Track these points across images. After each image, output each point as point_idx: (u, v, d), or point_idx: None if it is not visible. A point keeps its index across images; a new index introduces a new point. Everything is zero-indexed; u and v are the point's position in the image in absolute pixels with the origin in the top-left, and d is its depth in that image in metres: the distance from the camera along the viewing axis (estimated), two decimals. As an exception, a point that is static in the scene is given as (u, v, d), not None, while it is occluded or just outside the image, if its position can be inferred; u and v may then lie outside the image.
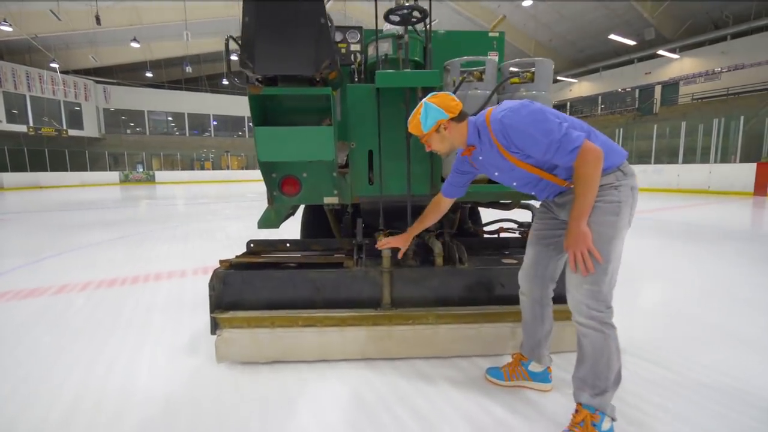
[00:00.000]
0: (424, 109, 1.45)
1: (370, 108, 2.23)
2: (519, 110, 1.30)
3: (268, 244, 2.41)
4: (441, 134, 1.47)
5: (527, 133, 1.29)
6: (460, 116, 1.46)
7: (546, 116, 1.28)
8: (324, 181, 2.27)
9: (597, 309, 1.32)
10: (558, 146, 1.26)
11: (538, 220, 1.62)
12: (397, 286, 2.00)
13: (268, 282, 1.97)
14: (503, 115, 1.32)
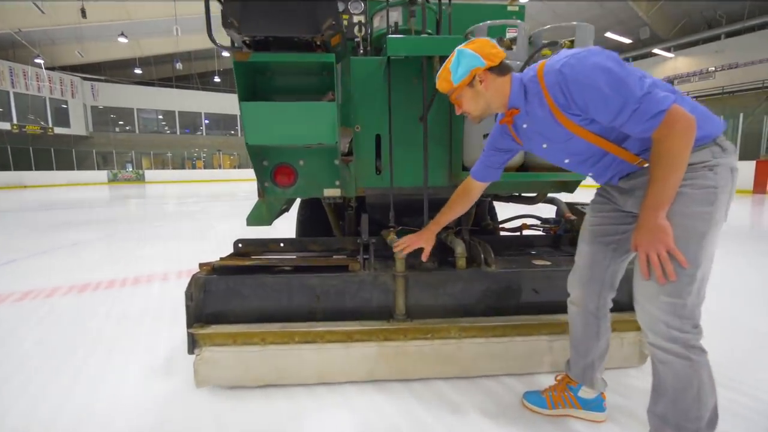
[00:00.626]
0: (456, 56, 1.16)
1: (378, 85, 1.91)
2: (586, 58, 0.98)
3: (258, 244, 2.08)
4: (475, 89, 1.17)
5: (594, 88, 0.97)
6: (502, 68, 1.16)
7: (623, 67, 0.96)
8: (324, 170, 1.94)
9: (680, 329, 1.00)
10: (636, 108, 0.94)
11: (595, 213, 1.30)
12: (413, 293, 1.69)
13: (258, 289, 1.64)
14: (563, 64, 1.00)
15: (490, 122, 1.69)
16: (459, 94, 1.20)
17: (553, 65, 1.03)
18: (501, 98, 1.18)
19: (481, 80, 1.15)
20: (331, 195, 1.96)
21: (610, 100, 0.96)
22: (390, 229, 1.90)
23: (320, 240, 2.12)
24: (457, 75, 1.16)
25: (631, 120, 0.96)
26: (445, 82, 1.20)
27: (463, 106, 1.22)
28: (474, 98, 1.19)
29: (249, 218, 2.02)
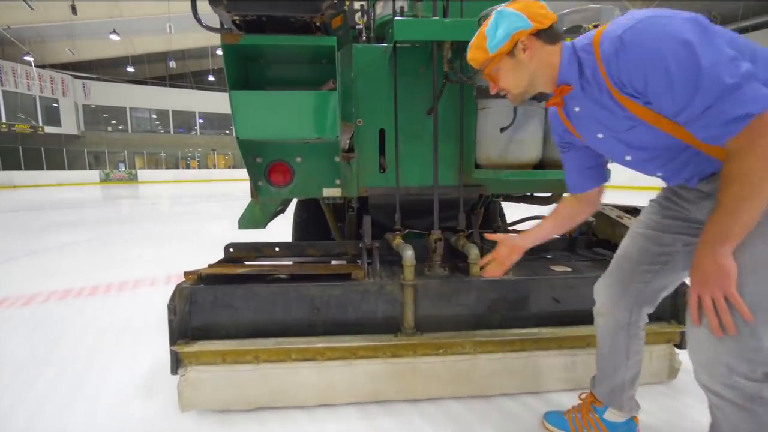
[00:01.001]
0: (494, 17, 0.94)
1: (383, 74, 1.75)
2: (659, 23, 0.74)
3: (251, 249, 1.91)
4: (517, 59, 0.94)
5: (660, 66, 0.73)
6: (551, 33, 0.92)
7: (710, 40, 0.71)
8: (324, 168, 1.78)
9: (747, 375, 0.77)
10: (711, 104, 0.71)
11: (654, 215, 1.08)
12: (423, 303, 1.53)
13: (250, 300, 1.47)
14: (628, 28, 0.77)
15: (508, 114, 1.54)
16: (496, 65, 0.96)
17: (615, 30, 0.80)
18: (549, 71, 0.94)
19: (525, 47, 0.92)
20: (331, 195, 1.80)
21: (677, 86, 0.73)
22: (396, 233, 1.74)
23: (319, 244, 1.95)
24: (495, 40, 0.92)
25: (702, 119, 0.74)
26: (479, 51, 0.96)
27: (501, 82, 0.99)
28: (515, 71, 0.95)
29: (241, 220, 1.85)
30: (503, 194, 2.25)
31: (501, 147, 1.57)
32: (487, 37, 0.94)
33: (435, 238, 1.60)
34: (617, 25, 0.81)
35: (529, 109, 1.54)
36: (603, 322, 1.22)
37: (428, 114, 1.80)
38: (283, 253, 1.93)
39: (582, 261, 1.89)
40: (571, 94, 0.95)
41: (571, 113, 1.00)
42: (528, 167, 1.63)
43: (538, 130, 1.58)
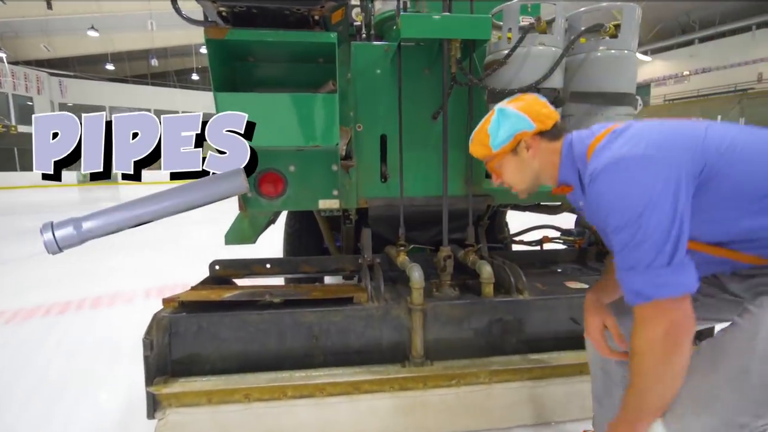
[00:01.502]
0: (496, 115, 0.95)
1: (385, 75, 1.60)
2: (630, 169, 0.72)
3: (240, 266, 1.74)
4: (520, 157, 0.94)
5: (614, 214, 0.74)
6: (554, 132, 0.93)
7: (661, 204, 0.69)
8: (320, 177, 1.62)
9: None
10: (633, 265, 0.71)
11: None
12: (432, 328, 1.38)
13: (239, 330, 1.30)
14: (605, 166, 0.75)
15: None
16: (499, 162, 0.97)
17: (602, 158, 0.76)
18: (551, 169, 0.94)
19: (528, 147, 0.93)
20: (328, 207, 1.64)
21: (615, 237, 0.73)
22: (400, 249, 1.59)
23: (314, 260, 1.79)
24: (498, 140, 0.93)
25: (620, 265, 0.74)
26: (482, 147, 0.97)
27: (505, 178, 0.99)
28: (519, 169, 0.95)
29: (228, 236, 1.68)
30: (510, 204, 2.13)
31: (516, 156, 1.44)
32: (490, 135, 0.94)
33: (444, 255, 1.46)
34: (608, 151, 0.76)
35: (546, 115, 1.41)
36: (594, 362, 1.11)
37: (433, 119, 1.66)
38: (275, 270, 1.76)
39: (595, 275, 1.78)
40: (573, 193, 0.94)
41: (576, 204, 0.99)
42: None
43: (555, 138, 1.46)
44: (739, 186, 0.71)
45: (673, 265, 0.68)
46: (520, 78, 1.38)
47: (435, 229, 1.93)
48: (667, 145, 0.72)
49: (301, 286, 1.56)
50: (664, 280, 0.68)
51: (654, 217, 0.68)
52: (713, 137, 0.73)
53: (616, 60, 1.43)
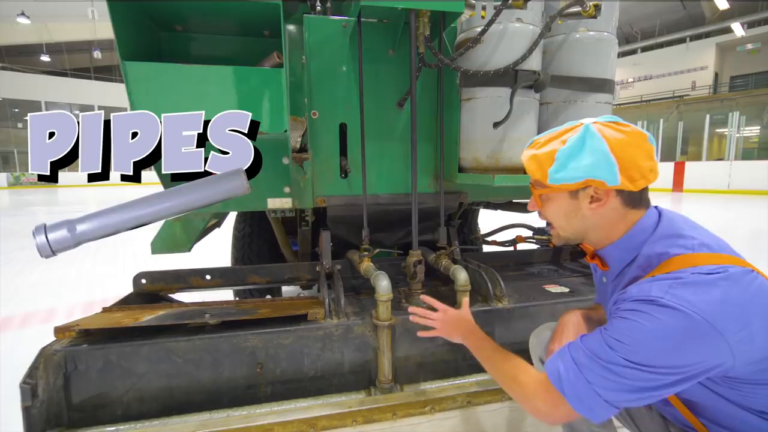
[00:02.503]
0: (579, 138, 0.69)
1: (343, 55, 1.40)
2: (659, 324, 0.59)
3: (173, 278, 1.46)
4: (577, 203, 0.72)
5: (605, 333, 0.65)
6: (637, 197, 0.71)
7: (681, 370, 0.59)
8: (268, 172, 1.37)
9: None
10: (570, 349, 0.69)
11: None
12: (402, 346, 1.19)
13: (163, 362, 1.03)
14: (681, 303, 0.59)
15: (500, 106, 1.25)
16: (549, 195, 0.75)
17: (642, 290, 0.63)
18: (606, 236, 0.74)
19: (595, 199, 0.70)
20: (279, 207, 1.40)
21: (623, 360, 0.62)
22: (364, 254, 1.38)
23: (264, 268, 1.54)
24: (562, 173, 0.69)
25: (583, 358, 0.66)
26: (537, 167, 0.73)
27: (547, 214, 0.79)
28: (569, 216, 0.74)
29: (155, 243, 1.39)
30: (483, 201, 1.99)
31: (492, 146, 1.28)
32: (556, 162, 0.70)
33: (414, 260, 1.27)
34: (663, 282, 0.62)
35: (524, 101, 1.26)
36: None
37: (399, 106, 1.47)
38: (217, 282, 1.50)
39: (574, 276, 1.67)
40: (607, 272, 0.80)
41: (599, 278, 0.87)
42: (520, 171, 1.36)
43: (533, 127, 1.32)
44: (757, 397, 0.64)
45: (614, 406, 0.64)
46: (496, 58, 1.22)
47: (402, 230, 1.74)
48: (739, 324, 0.58)
49: (246, 302, 1.31)
50: (592, 406, 0.64)
51: (661, 386, 0.60)
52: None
53: (596, 43, 1.32)
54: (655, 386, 0.61)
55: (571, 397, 0.65)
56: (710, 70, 19.04)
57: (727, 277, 0.59)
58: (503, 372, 0.79)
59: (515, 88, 1.19)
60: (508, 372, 0.77)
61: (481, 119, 1.28)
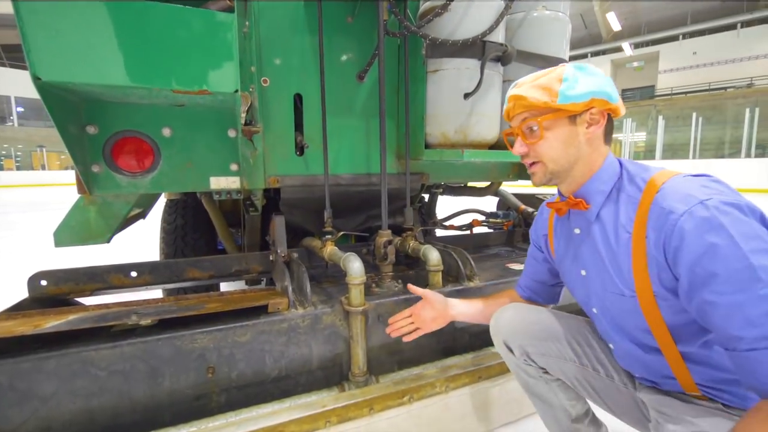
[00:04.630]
0: (575, 68, 0.71)
1: (296, 18, 1.26)
2: (742, 224, 0.56)
3: (87, 277, 1.18)
4: (575, 129, 0.72)
5: (731, 283, 0.55)
6: (609, 131, 0.75)
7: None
8: (211, 146, 1.18)
9: None
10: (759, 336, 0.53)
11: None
12: (377, 334, 1.09)
13: (78, 377, 0.80)
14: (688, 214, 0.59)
15: (468, 78, 1.21)
16: (551, 122, 0.71)
17: (677, 203, 0.61)
18: (588, 169, 0.74)
19: (592, 122, 0.71)
20: (225, 188, 1.21)
21: (737, 310, 0.54)
22: (327, 238, 1.25)
23: (207, 261, 1.33)
24: (574, 91, 0.69)
25: (739, 359, 0.56)
26: (541, 91, 0.70)
27: (542, 145, 0.73)
28: (566, 142, 0.72)
29: (59, 234, 1.11)
30: (443, 185, 1.96)
31: (461, 120, 1.24)
32: (564, 80, 0.69)
33: (385, 240, 1.17)
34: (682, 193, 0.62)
35: (490, 75, 1.24)
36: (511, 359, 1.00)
37: (359, 79, 1.37)
38: (145, 279, 1.25)
39: (529, 256, 1.72)
40: (581, 213, 0.77)
41: (564, 233, 0.84)
42: (486, 147, 1.34)
43: (498, 103, 1.30)
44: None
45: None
46: (464, 28, 1.18)
47: (362, 215, 1.64)
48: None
49: (188, 298, 1.09)
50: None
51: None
52: None
53: (552, 22, 1.35)
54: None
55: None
56: (607, 83, 21.90)
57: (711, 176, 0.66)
58: None
59: (485, 58, 1.16)
60: None
61: (448, 92, 1.23)
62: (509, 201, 2.00)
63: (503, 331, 0.94)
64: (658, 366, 0.74)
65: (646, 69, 21.25)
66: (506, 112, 0.77)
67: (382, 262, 1.20)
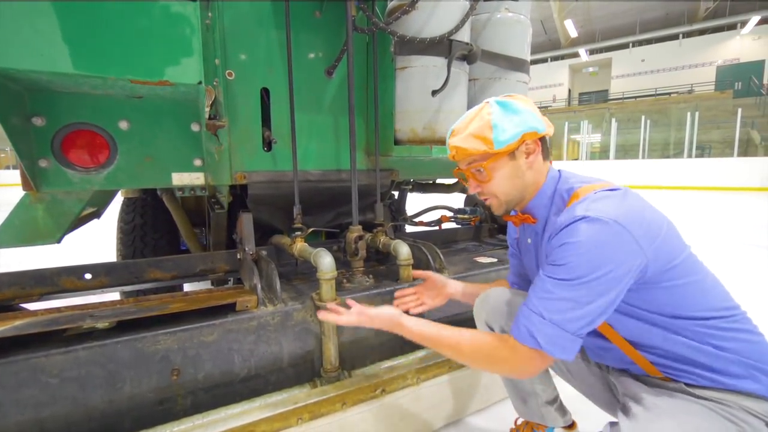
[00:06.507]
0: (499, 106, 0.78)
1: (262, 10, 1.23)
2: (589, 233, 0.68)
3: (33, 281, 1.10)
4: (516, 163, 0.80)
5: (550, 268, 0.72)
6: (546, 149, 0.83)
7: (616, 272, 0.67)
8: (173, 140, 1.14)
9: None
10: (529, 307, 0.73)
11: None
12: (349, 330, 1.08)
13: (27, 386, 0.75)
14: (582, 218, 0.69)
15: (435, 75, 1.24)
16: (493, 164, 0.79)
17: (567, 216, 0.72)
18: (534, 188, 0.83)
19: (529, 152, 0.79)
20: (189, 184, 1.16)
21: (541, 283, 0.72)
22: (296, 234, 1.23)
23: (170, 261, 1.27)
24: (505, 135, 0.76)
25: (536, 305, 0.72)
26: (476, 141, 0.77)
27: (492, 185, 0.81)
28: (511, 176, 0.80)
29: (3, 232, 1.02)
30: (412, 182, 1.98)
31: (428, 117, 1.26)
32: (494, 128, 0.76)
33: (356, 235, 1.18)
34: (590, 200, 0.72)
35: (457, 73, 1.27)
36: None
37: (328, 74, 1.36)
38: (101, 282, 1.18)
39: (496, 249, 1.78)
40: (532, 226, 0.86)
41: (522, 239, 0.94)
42: (447, 143, 1.38)
43: (465, 100, 1.34)
44: (667, 300, 0.71)
45: (577, 335, 0.69)
46: (431, 26, 1.20)
47: (331, 212, 1.63)
48: (643, 228, 0.69)
49: (149, 299, 1.04)
50: (563, 345, 0.69)
51: (603, 292, 0.67)
52: (670, 242, 0.71)
53: (515, 24, 1.40)
54: (612, 299, 0.67)
55: (547, 344, 0.69)
56: (565, 86, 23.01)
57: (626, 192, 0.74)
58: (462, 348, 0.78)
59: (451, 57, 1.19)
60: (470, 346, 0.77)
61: (417, 89, 1.25)
62: (476, 197, 2.05)
63: (486, 310, 0.98)
64: (619, 355, 0.81)
65: (600, 74, 22.53)
66: (451, 157, 0.83)
67: (353, 257, 1.20)
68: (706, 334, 0.70)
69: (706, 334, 0.70)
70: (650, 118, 12.57)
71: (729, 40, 17.89)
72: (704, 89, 17.83)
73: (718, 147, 12.91)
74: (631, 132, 14.28)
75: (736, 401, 0.68)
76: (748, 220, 5.34)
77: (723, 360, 0.69)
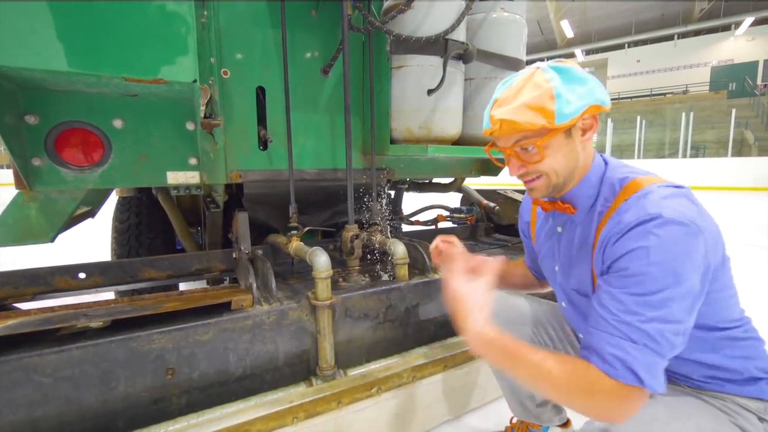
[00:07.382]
0: (558, 73, 0.65)
1: (259, 8, 1.23)
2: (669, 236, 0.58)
3: (26, 280, 1.09)
4: (572, 140, 0.68)
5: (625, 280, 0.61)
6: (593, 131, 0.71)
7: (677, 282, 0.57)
8: (168, 138, 1.13)
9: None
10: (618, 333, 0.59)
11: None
12: (344, 328, 1.09)
13: (20, 386, 0.74)
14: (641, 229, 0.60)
15: (431, 74, 1.24)
16: (549, 142, 0.66)
17: (636, 213, 0.61)
18: (583, 169, 0.71)
19: (586, 128, 0.68)
20: (184, 183, 1.16)
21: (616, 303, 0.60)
22: (292, 233, 1.23)
23: (165, 260, 1.27)
24: (570, 107, 0.63)
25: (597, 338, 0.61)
26: (535, 113, 0.64)
27: (541, 165, 0.68)
28: (567, 155, 0.68)
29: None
30: (409, 181, 1.99)
31: (424, 116, 1.27)
32: (557, 99, 0.63)
33: (351, 234, 1.18)
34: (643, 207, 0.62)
35: (453, 72, 1.28)
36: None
37: (324, 73, 1.36)
38: (95, 281, 1.17)
39: (492, 248, 1.79)
40: (566, 215, 0.76)
41: (547, 224, 0.84)
42: (449, 143, 1.38)
43: (461, 100, 1.35)
44: (703, 311, 0.64)
45: (666, 357, 0.58)
46: (427, 26, 1.21)
47: (327, 211, 1.63)
48: (714, 234, 0.62)
49: (143, 298, 1.04)
50: (658, 373, 0.57)
51: (691, 306, 0.59)
52: (724, 250, 0.66)
53: (511, 24, 1.41)
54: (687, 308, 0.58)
55: (649, 378, 0.57)
56: (562, 87, 23.06)
57: (688, 191, 0.64)
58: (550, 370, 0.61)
59: (447, 56, 1.19)
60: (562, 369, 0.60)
61: (413, 88, 1.26)
62: (472, 197, 2.06)
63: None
64: None
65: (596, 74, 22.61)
66: (490, 132, 0.69)
67: (349, 256, 1.20)
68: (721, 345, 0.68)
69: (721, 344, 0.68)
70: (645, 118, 12.65)
71: (723, 41, 18.04)
72: (699, 90, 17.96)
73: (712, 147, 13.00)
74: (626, 132, 14.35)
75: (731, 397, 0.68)
76: (742, 219, 5.38)
77: (730, 369, 0.68)
